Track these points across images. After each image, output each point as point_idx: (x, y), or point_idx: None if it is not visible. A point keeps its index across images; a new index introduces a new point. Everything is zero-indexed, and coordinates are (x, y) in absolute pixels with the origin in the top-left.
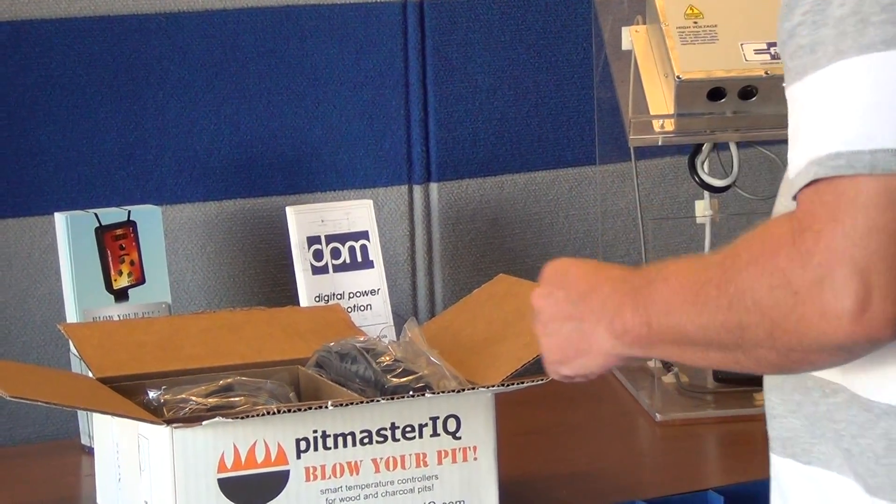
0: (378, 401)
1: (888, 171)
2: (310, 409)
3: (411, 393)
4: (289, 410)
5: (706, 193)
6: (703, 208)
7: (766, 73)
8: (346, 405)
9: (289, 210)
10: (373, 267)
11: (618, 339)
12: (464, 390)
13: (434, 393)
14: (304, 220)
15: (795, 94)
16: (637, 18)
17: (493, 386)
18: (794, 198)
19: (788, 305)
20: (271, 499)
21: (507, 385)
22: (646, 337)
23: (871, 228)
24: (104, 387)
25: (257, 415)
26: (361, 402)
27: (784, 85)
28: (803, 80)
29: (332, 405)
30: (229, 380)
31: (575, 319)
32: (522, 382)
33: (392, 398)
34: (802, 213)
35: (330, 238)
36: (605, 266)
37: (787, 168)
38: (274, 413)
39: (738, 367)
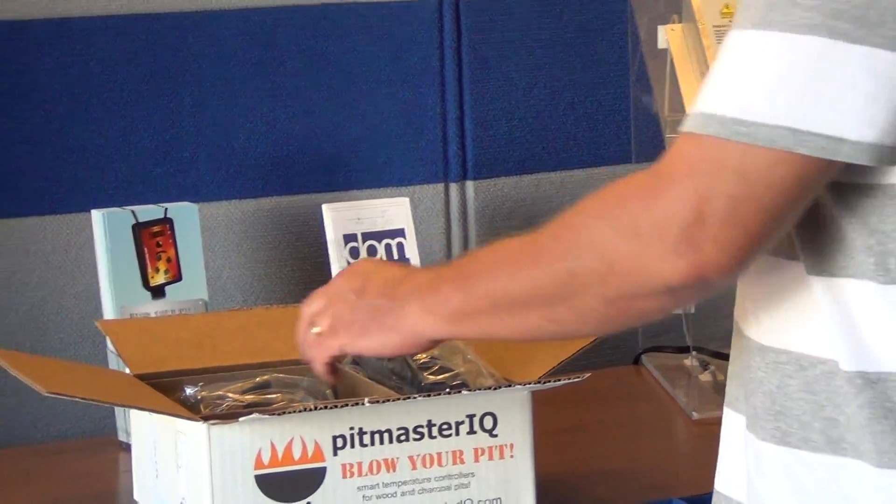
0: (415, 398)
1: (768, 145)
2: (346, 405)
3: (448, 390)
4: (325, 407)
5: None
6: None
7: None
8: (383, 402)
9: (325, 208)
10: (409, 264)
11: (430, 315)
12: (500, 387)
13: (470, 391)
14: (340, 217)
15: (726, 40)
16: (673, 17)
17: (530, 383)
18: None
19: (628, 246)
20: (308, 495)
21: (544, 382)
22: (458, 309)
23: (723, 192)
24: (141, 383)
25: (294, 412)
26: (398, 400)
27: None
28: (732, 31)
29: (368, 402)
30: (266, 377)
31: (386, 297)
32: (559, 380)
33: (429, 395)
34: (668, 159)
35: (366, 236)
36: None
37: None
38: (311, 410)
39: (557, 326)
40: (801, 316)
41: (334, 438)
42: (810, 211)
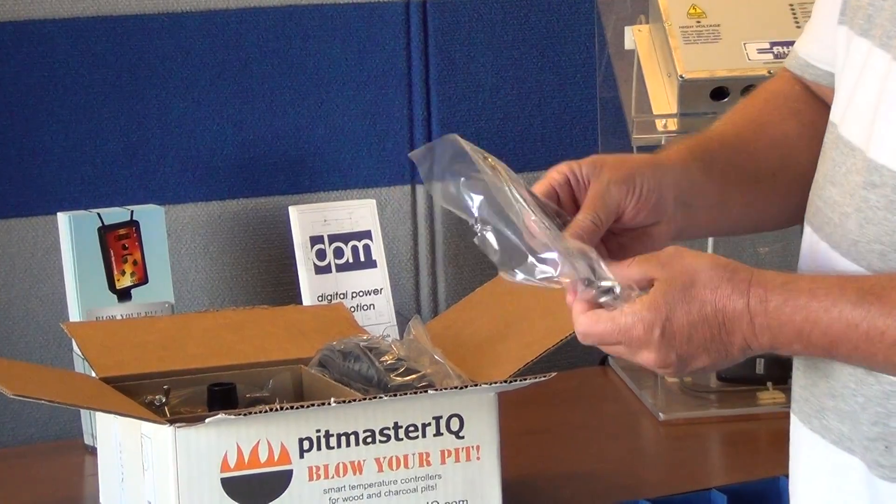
0: (381, 398)
1: None
2: (312, 406)
3: (414, 390)
4: (291, 407)
5: None
6: None
7: (769, 72)
8: (349, 402)
9: (292, 210)
10: (376, 266)
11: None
12: (467, 387)
13: (437, 391)
14: (307, 219)
15: None
16: (640, 18)
17: (496, 383)
18: None
19: None
20: (274, 498)
21: (510, 382)
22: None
23: None
24: (107, 386)
25: (260, 412)
26: (364, 400)
27: None
28: None
29: (334, 402)
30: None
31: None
32: (525, 379)
33: (395, 395)
34: None
35: (333, 238)
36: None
37: None
38: (276, 410)
39: None
40: None
41: (300, 441)
42: None
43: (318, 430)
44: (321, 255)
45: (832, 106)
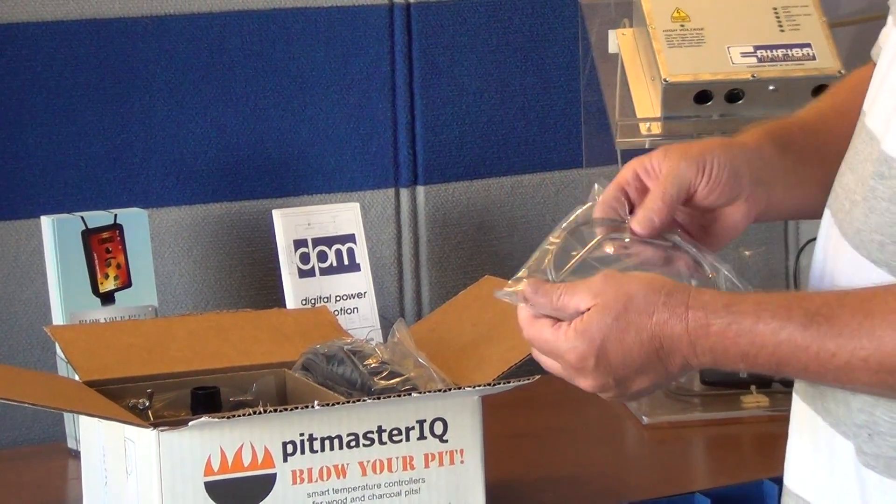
0: (364, 401)
1: None
2: (296, 408)
3: (398, 393)
4: (275, 411)
5: None
6: None
7: (753, 76)
8: (333, 405)
9: (275, 213)
10: (359, 270)
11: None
12: (450, 390)
13: (420, 394)
14: (290, 223)
15: None
16: (624, 21)
17: (480, 386)
18: None
19: None
20: (258, 502)
21: (494, 385)
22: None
23: None
24: (90, 390)
25: (244, 415)
26: (348, 403)
27: None
28: None
29: (318, 405)
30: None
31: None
32: (509, 382)
33: (378, 398)
34: None
35: (317, 241)
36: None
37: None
38: (260, 414)
39: None
40: None
41: (284, 445)
42: None
43: (302, 434)
44: (305, 258)
45: (868, 93)
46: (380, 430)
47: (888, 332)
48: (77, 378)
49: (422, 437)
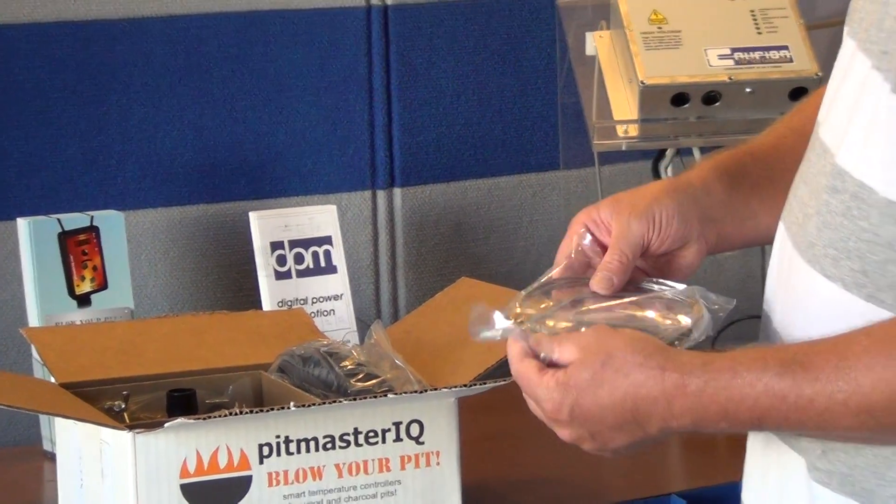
0: (340, 402)
1: None
2: (272, 410)
3: (374, 395)
4: (251, 412)
5: None
6: None
7: (730, 78)
8: (309, 407)
9: (252, 215)
10: (336, 272)
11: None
12: (427, 391)
13: (396, 395)
14: (267, 225)
15: None
16: (601, 24)
17: (456, 387)
18: None
19: None
20: None
21: (470, 386)
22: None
23: None
24: (66, 392)
25: (219, 417)
26: (324, 404)
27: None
28: None
29: (294, 407)
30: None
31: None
32: (486, 383)
33: (354, 399)
34: None
35: (293, 243)
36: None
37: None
38: (236, 415)
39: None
40: None
41: (260, 447)
42: None
43: (278, 436)
44: (281, 260)
45: (821, 105)
46: (356, 432)
47: (864, 373)
48: (53, 380)
49: (398, 438)
